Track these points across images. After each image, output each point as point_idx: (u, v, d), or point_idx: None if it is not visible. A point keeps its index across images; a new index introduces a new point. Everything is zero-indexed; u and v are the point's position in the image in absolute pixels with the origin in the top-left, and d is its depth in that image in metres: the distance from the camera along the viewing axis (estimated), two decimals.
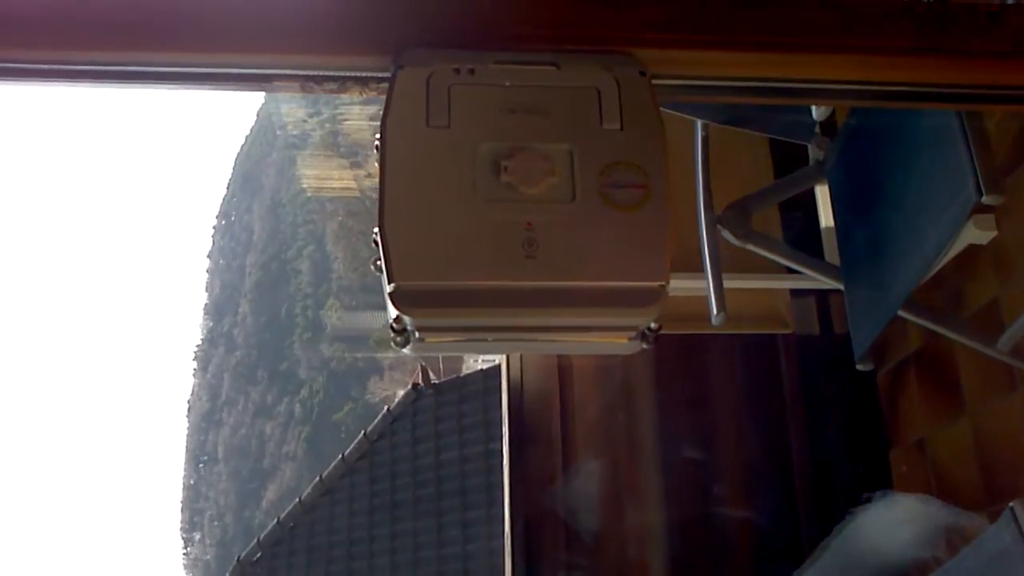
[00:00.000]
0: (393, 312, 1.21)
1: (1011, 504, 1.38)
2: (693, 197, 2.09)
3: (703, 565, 2.66)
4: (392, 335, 1.24)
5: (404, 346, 1.28)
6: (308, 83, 1.18)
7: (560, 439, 2.58)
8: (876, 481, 2.62)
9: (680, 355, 2.71)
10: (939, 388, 2.42)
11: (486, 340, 1.29)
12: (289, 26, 1.08)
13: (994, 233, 2.15)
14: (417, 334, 1.25)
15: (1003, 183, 1.39)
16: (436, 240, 1.24)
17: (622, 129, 1.31)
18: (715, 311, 1.91)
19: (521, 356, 2.64)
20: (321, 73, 1.18)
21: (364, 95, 1.24)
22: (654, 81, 1.24)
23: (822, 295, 2.69)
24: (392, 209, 1.23)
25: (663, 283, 1.23)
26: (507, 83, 1.40)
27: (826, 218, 2.19)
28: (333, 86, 1.22)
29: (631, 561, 2.59)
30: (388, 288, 1.19)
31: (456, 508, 8.34)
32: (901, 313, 1.99)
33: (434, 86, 1.30)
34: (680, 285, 2.35)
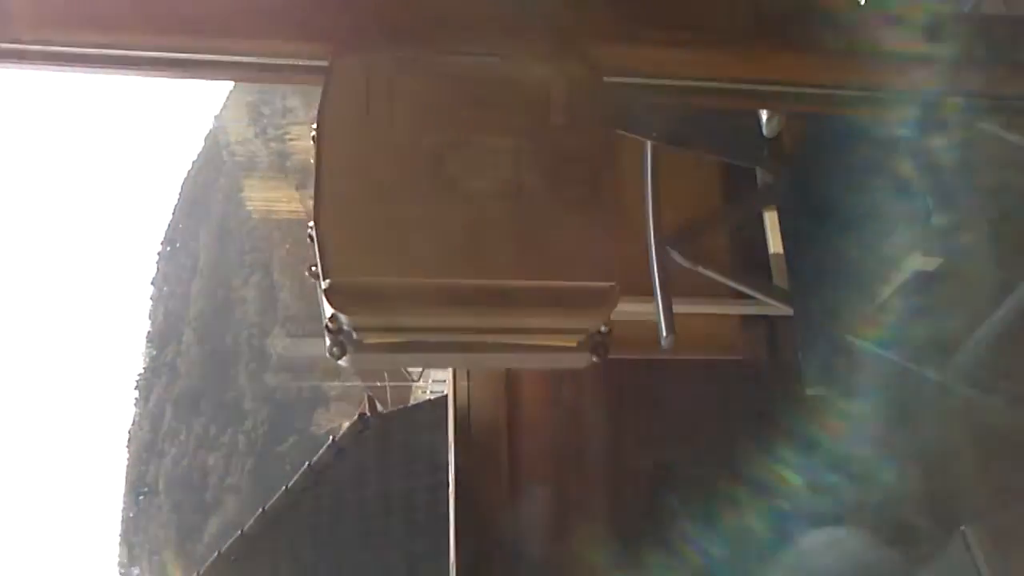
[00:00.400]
0: (328, 310, 1.14)
1: (962, 527, 1.37)
2: (643, 220, 2.09)
3: None
4: (328, 345, 1.17)
5: (341, 356, 1.20)
6: (243, 71, 1.13)
7: (508, 464, 2.54)
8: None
9: (632, 380, 2.69)
10: None
11: (427, 344, 1.21)
12: (222, 11, 1.04)
13: (940, 260, 2.18)
14: (355, 335, 1.17)
15: (955, 204, 1.39)
16: (374, 235, 1.16)
17: (571, 125, 1.27)
18: (664, 333, 1.90)
19: (469, 382, 2.59)
20: (256, 60, 1.12)
21: (302, 84, 1.19)
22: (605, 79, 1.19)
23: (772, 322, 2.69)
24: (328, 203, 1.15)
25: (613, 284, 1.17)
26: (452, 75, 1.32)
27: (775, 243, 2.19)
28: (269, 75, 1.16)
29: None
30: (323, 285, 1.12)
31: (402, 540, 8.22)
32: (850, 339, 1.99)
33: (374, 76, 1.21)
34: (629, 309, 2.34)
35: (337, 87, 1.22)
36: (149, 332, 61.27)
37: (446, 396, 3.36)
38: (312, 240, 1.15)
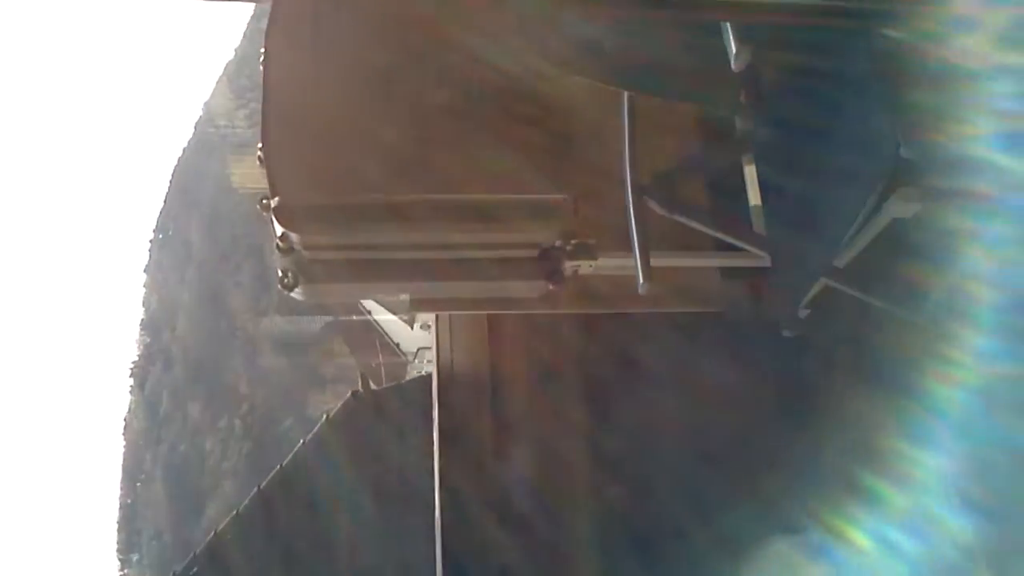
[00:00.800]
0: (279, 230, 1.13)
1: None
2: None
3: (636, 545, 2.64)
4: (280, 275, 1.16)
5: (294, 286, 1.19)
6: None
7: (490, 419, 2.55)
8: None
9: (613, 333, 2.69)
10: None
11: (378, 265, 1.19)
12: None
13: (919, 206, 2.18)
14: (306, 255, 1.16)
15: (920, 134, 1.39)
16: (322, 154, 1.16)
17: (524, 46, 1.25)
18: (641, 279, 1.90)
19: (451, 339, 2.60)
20: None
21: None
22: None
23: (752, 274, 2.69)
24: (275, 124, 1.15)
25: (564, 196, 1.16)
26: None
27: (754, 196, 2.19)
28: None
29: (565, 539, 2.56)
30: (272, 204, 1.11)
31: (396, 515, 8.24)
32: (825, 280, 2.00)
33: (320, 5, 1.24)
34: (610, 264, 2.34)
35: (284, 5, 1.22)
36: (143, 319, 61.29)
37: None
38: (260, 162, 1.14)
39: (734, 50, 1.33)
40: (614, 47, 1.89)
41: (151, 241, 63.59)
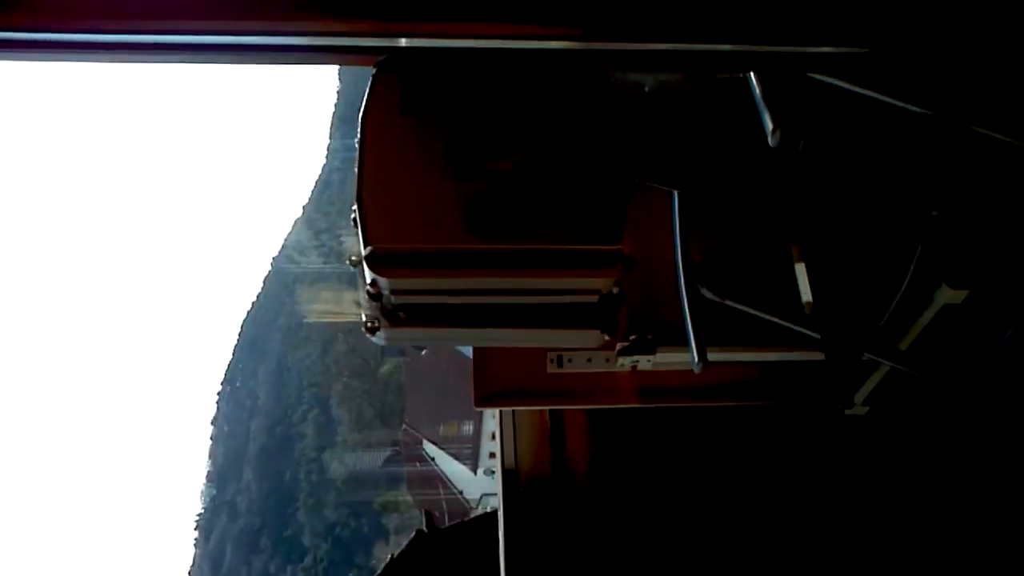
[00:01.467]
0: (369, 276, 1.33)
1: None
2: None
3: None
4: (364, 322, 1.35)
5: (375, 331, 1.39)
6: (308, 54, 1.33)
7: (556, 511, 2.60)
8: None
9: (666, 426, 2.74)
10: None
11: (454, 311, 1.39)
12: None
13: (967, 292, 2.24)
14: (392, 300, 1.36)
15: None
16: (407, 209, 1.38)
17: (582, 116, 1.48)
18: (696, 359, 1.98)
19: (515, 444, 2.68)
20: (320, 43, 1.34)
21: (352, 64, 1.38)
22: None
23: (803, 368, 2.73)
24: (368, 185, 1.38)
25: (620, 246, 1.36)
26: (474, 80, 1.57)
27: (804, 285, 2.26)
28: (331, 57, 1.36)
29: None
30: (364, 252, 1.31)
31: None
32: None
33: (409, 81, 1.50)
34: (668, 359, 2.42)
35: (377, 92, 1.44)
36: (209, 472, 61.66)
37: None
38: (355, 223, 1.34)
39: (770, 127, 1.45)
40: (668, 158, 2.06)
41: (218, 393, 64.60)
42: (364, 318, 1.36)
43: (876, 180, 1.79)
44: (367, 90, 1.44)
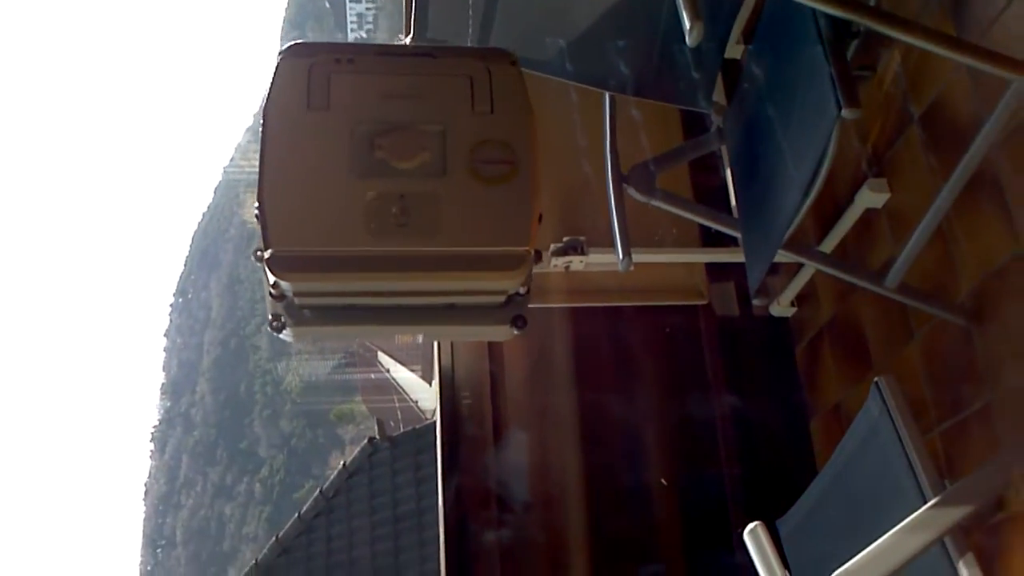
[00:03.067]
0: (271, 278, 1.31)
1: (876, 379, 1.48)
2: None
3: (633, 541, 2.72)
4: (269, 319, 1.34)
5: (281, 329, 1.37)
6: None
7: (491, 418, 2.66)
8: (799, 451, 2.72)
9: (605, 336, 2.81)
10: (848, 353, 2.54)
11: (359, 310, 1.39)
12: None
13: (887, 195, 2.31)
14: (296, 301, 1.34)
15: (858, 99, 1.52)
16: (312, 210, 1.36)
17: (492, 112, 1.45)
18: (620, 256, 2.02)
19: (453, 353, 2.74)
20: None
21: None
22: None
23: (741, 279, 2.81)
24: (270, 184, 1.35)
25: (527, 248, 1.34)
26: (385, 72, 1.50)
27: (730, 183, 2.31)
28: None
29: (559, 535, 2.65)
30: (266, 255, 1.28)
31: (414, 561, 8.26)
32: (786, 254, 2.12)
33: (315, 74, 1.42)
34: (599, 260, 2.47)
35: (281, 83, 1.43)
36: (163, 384, 61.55)
37: None
38: (257, 219, 1.32)
39: (687, 26, 1.46)
40: (600, 57, 2.07)
41: (171, 305, 64.11)
42: (269, 316, 1.36)
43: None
44: (270, 80, 1.41)
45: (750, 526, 1.32)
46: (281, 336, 1.40)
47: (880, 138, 2.37)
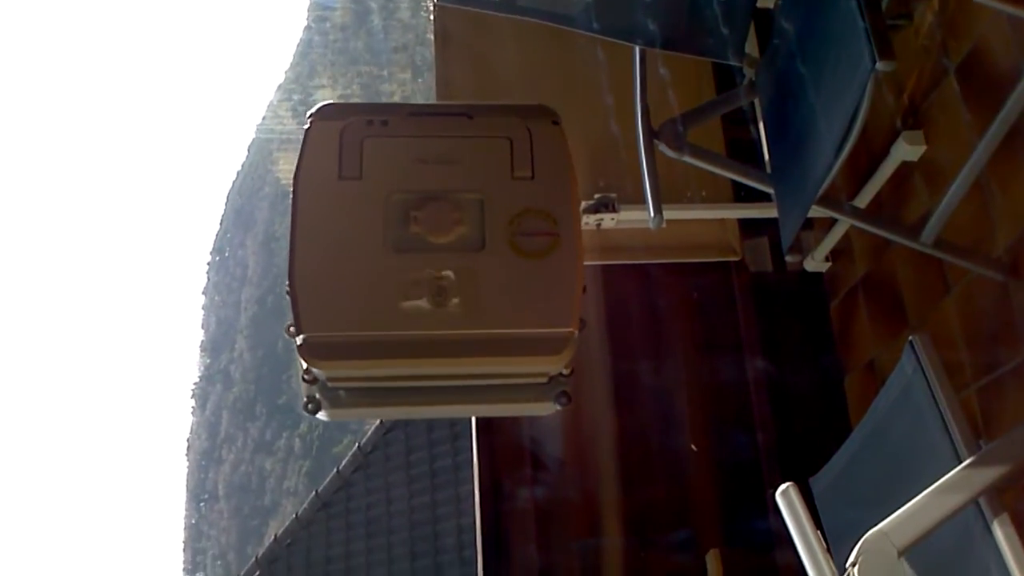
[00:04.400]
0: (303, 363, 1.23)
1: (910, 337, 1.46)
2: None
3: (666, 503, 2.73)
4: (304, 402, 1.26)
5: (316, 411, 1.30)
6: None
7: None
8: (832, 409, 2.71)
9: (637, 294, 2.80)
10: (884, 309, 2.51)
11: (396, 393, 1.31)
12: None
13: (923, 148, 2.27)
14: (329, 385, 1.27)
15: (892, 50, 1.48)
16: (346, 291, 1.23)
17: (533, 177, 1.35)
18: (652, 214, 2.00)
19: None
20: None
21: None
22: None
23: (775, 235, 2.78)
24: (302, 261, 1.24)
25: (571, 330, 1.25)
26: (420, 134, 1.38)
27: (763, 138, 2.28)
28: None
29: (592, 496, 2.66)
30: (298, 340, 1.20)
31: (451, 515, 8.35)
32: (819, 209, 2.09)
33: (347, 138, 1.33)
34: (631, 217, 2.45)
35: (312, 150, 1.32)
36: (202, 341, 62.36)
37: None
38: (288, 296, 1.24)
39: None
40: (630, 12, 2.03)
41: (208, 263, 64.74)
42: (304, 397, 1.29)
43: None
44: (301, 144, 1.34)
45: (782, 487, 1.31)
46: (317, 416, 1.34)
47: (916, 90, 2.32)
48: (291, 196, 1.29)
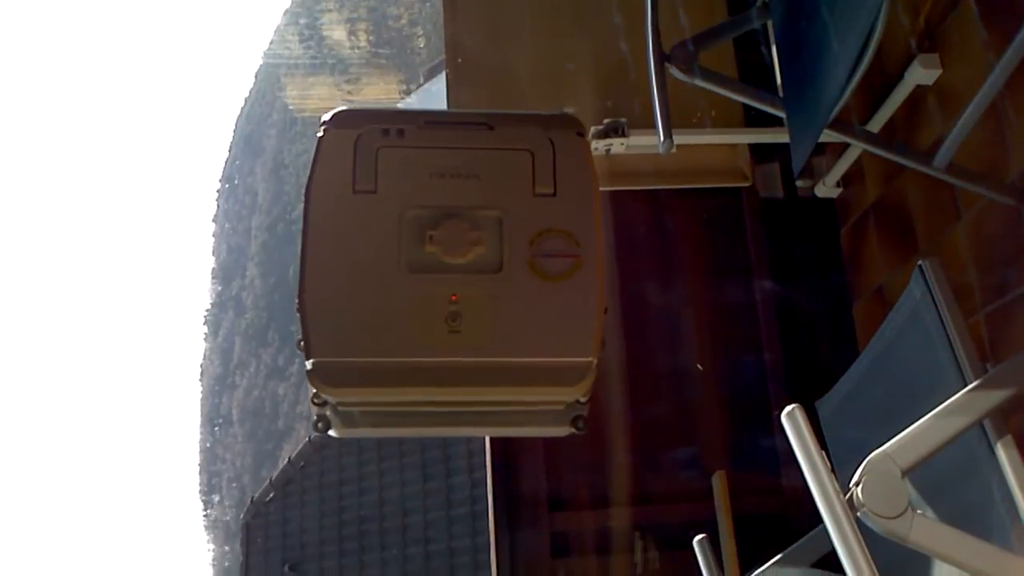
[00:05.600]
0: (312, 388, 1.18)
1: (920, 261, 1.46)
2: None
3: (673, 426, 2.76)
4: (314, 419, 1.22)
5: (327, 429, 1.25)
6: None
7: None
8: (840, 335, 2.72)
9: (646, 219, 2.80)
10: (894, 235, 2.50)
11: (409, 416, 1.27)
12: None
13: (938, 72, 2.24)
14: (340, 408, 1.22)
15: None
16: (358, 315, 1.18)
17: (555, 194, 1.26)
18: (662, 137, 1.99)
19: None
20: None
21: None
22: None
23: (786, 161, 2.76)
24: (313, 281, 1.18)
25: (591, 359, 1.18)
26: (437, 144, 1.29)
27: (775, 62, 2.25)
28: None
29: (599, 417, 2.68)
30: (308, 365, 1.15)
31: (461, 439, 8.46)
32: (832, 133, 2.07)
33: (362, 148, 1.25)
34: (641, 142, 2.43)
35: (325, 160, 1.24)
36: (214, 268, 62.56)
37: None
38: (297, 314, 1.19)
39: None
40: None
41: (218, 191, 64.64)
42: (314, 415, 1.25)
43: None
44: (314, 153, 1.26)
45: (788, 408, 1.32)
46: (328, 434, 1.30)
47: (932, 11, 2.28)
48: (303, 208, 1.23)
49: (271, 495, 9.94)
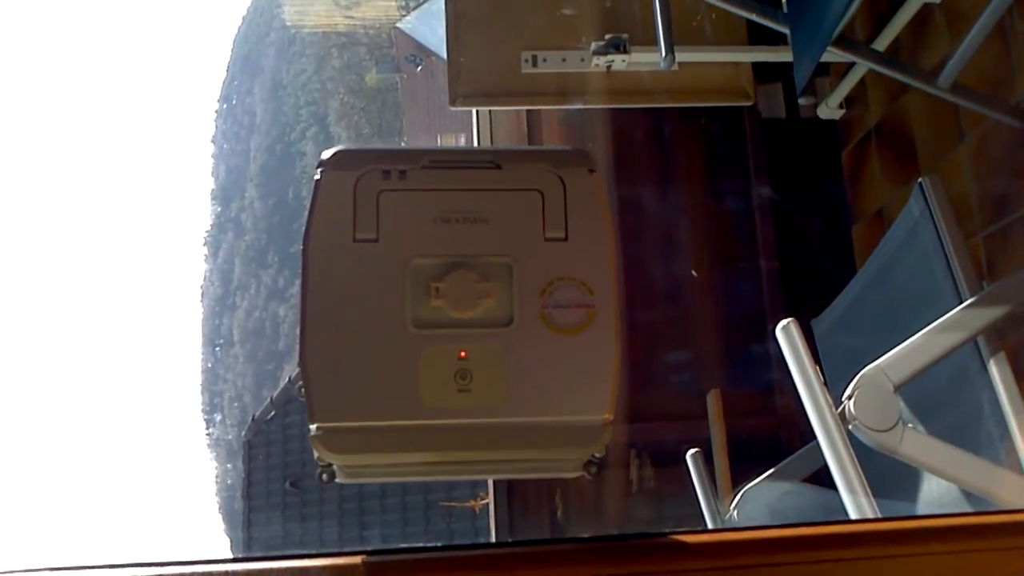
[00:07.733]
0: (316, 452, 1.13)
1: (920, 179, 1.46)
2: None
3: (671, 341, 2.78)
4: (319, 472, 1.17)
5: (332, 479, 1.21)
6: None
7: None
8: (838, 257, 2.72)
9: (645, 137, 2.78)
10: (896, 157, 2.49)
11: (417, 467, 1.24)
12: None
13: None
14: (347, 470, 1.18)
15: None
16: (363, 375, 1.10)
17: (566, 239, 1.20)
18: (663, 54, 1.97)
19: (491, 134, 2.72)
20: None
21: None
22: None
23: (789, 81, 2.73)
24: (313, 340, 1.08)
25: (607, 416, 1.12)
26: (442, 186, 1.15)
27: None
28: None
29: None
30: (311, 429, 1.08)
31: None
32: (835, 51, 2.05)
33: (361, 192, 1.15)
34: (643, 59, 2.41)
35: (323, 205, 1.12)
36: (213, 189, 62.30)
37: None
38: (299, 372, 1.13)
39: None
40: None
41: (216, 112, 64.01)
42: (318, 465, 1.19)
43: None
44: (311, 198, 1.16)
45: (783, 322, 1.33)
46: (335, 480, 1.25)
47: None
48: (301, 259, 1.16)
49: (272, 413, 10.07)
